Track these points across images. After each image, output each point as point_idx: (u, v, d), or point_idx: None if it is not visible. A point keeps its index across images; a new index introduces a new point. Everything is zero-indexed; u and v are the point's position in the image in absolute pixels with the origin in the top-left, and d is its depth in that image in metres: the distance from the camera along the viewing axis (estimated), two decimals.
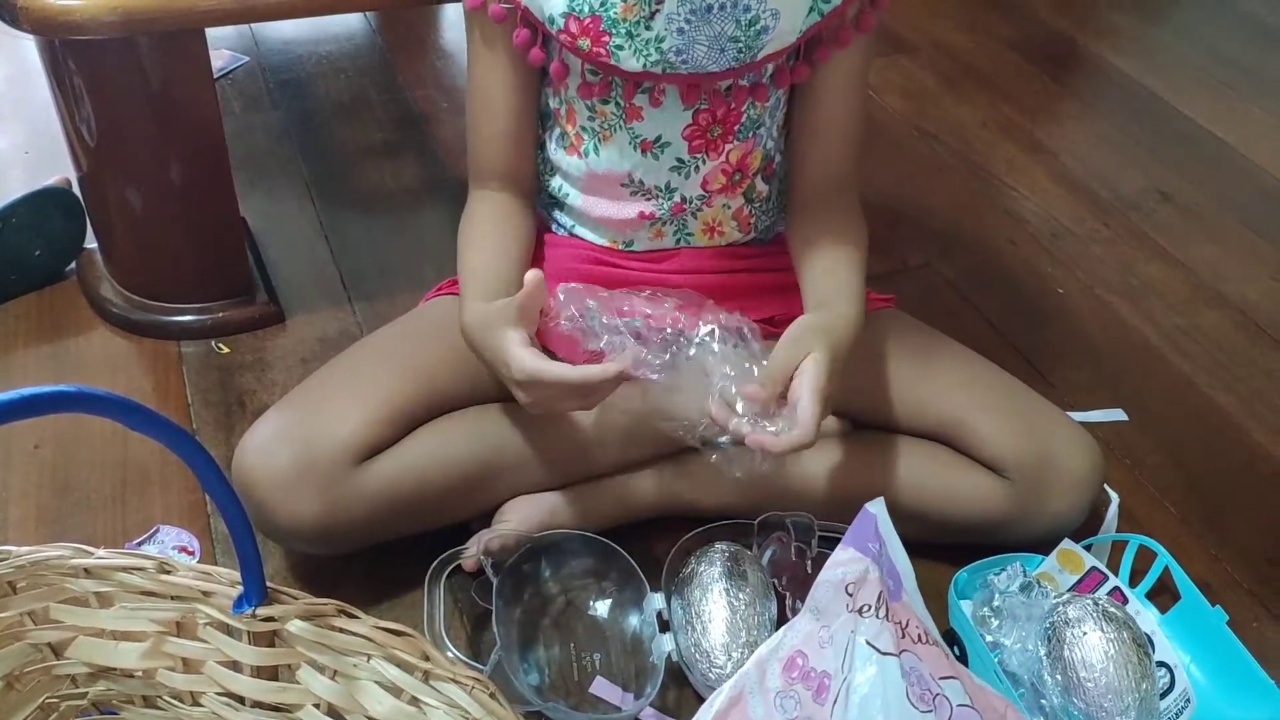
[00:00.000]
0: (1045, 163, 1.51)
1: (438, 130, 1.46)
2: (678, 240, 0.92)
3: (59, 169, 1.19)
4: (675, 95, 0.83)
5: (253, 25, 1.63)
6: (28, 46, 1.53)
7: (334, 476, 0.78)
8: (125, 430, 0.49)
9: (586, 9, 0.79)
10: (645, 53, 0.80)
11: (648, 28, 0.79)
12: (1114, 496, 0.92)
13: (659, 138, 0.86)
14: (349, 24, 1.70)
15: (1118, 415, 1.08)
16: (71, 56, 0.95)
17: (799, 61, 0.85)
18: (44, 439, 0.98)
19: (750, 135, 0.87)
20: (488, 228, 0.88)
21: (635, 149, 0.86)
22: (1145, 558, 0.87)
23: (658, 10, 0.79)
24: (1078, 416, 0.95)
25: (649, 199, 0.88)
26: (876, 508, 0.76)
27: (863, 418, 0.90)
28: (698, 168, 0.87)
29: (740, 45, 0.81)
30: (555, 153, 0.90)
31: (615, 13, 0.79)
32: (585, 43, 0.80)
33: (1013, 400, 0.87)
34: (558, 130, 0.89)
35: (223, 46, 1.58)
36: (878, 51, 1.74)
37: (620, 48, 0.80)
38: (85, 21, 0.86)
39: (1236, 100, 1.70)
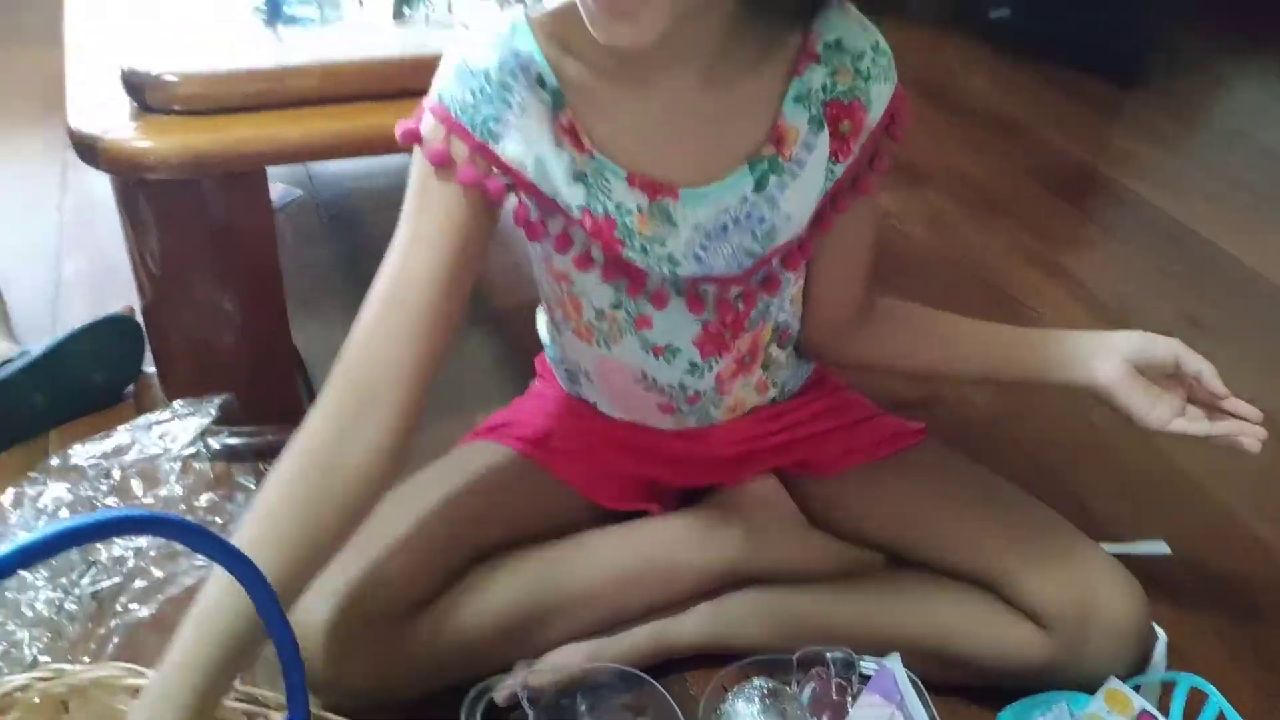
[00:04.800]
0: (1071, 289, 1.54)
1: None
2: (699, 421, 0.90)
3: (121, 296, 1.24)
4: (681, 303, 0.80)
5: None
6: (93, 180, 1.62)
7: (381, 630, 0.77)
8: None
9: (602, 210, 0.74)
10: (658, 268, 0.77)
11: (662, 245, 0.76)
12: (1161, 635, 0.90)
13: (669, 344, 0.83)
14: (399, 160, 1.77)
15: (1160, 548, 1.06)
16: (142, 192, 1.01)
17: (805, 239, 0.81)
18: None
19: (760, 321, 0.85)
20: (320, 462, 0.69)
21: (647, 353, 0.84)
22: (1198, 697, 0.84)
23: (674, 231, 0.75)
24: (1119, 549, 0.94)
25: (663, 395, 0.87)
26: (893, 663, 0.77)
27: (898, 554, 0.90)
28: (711, 367, 0.85)
29: (756, 255, 0.78)
30: (565, 332, 0.88)
31: (631, 221, 0.75)
32: (598, 244, 0.76)
33: (1053, 546, 0.85)
34: (560, 312, 0.86)
35: (278, 180, 1.66)
36: (898, 183, 1.80)
37: (632, 256, 0.76)
38: (157, 163, 0.92)
39: (1260, 226, 1.72)
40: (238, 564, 0.54)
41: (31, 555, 0.44)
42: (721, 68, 0.72)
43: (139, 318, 1.19)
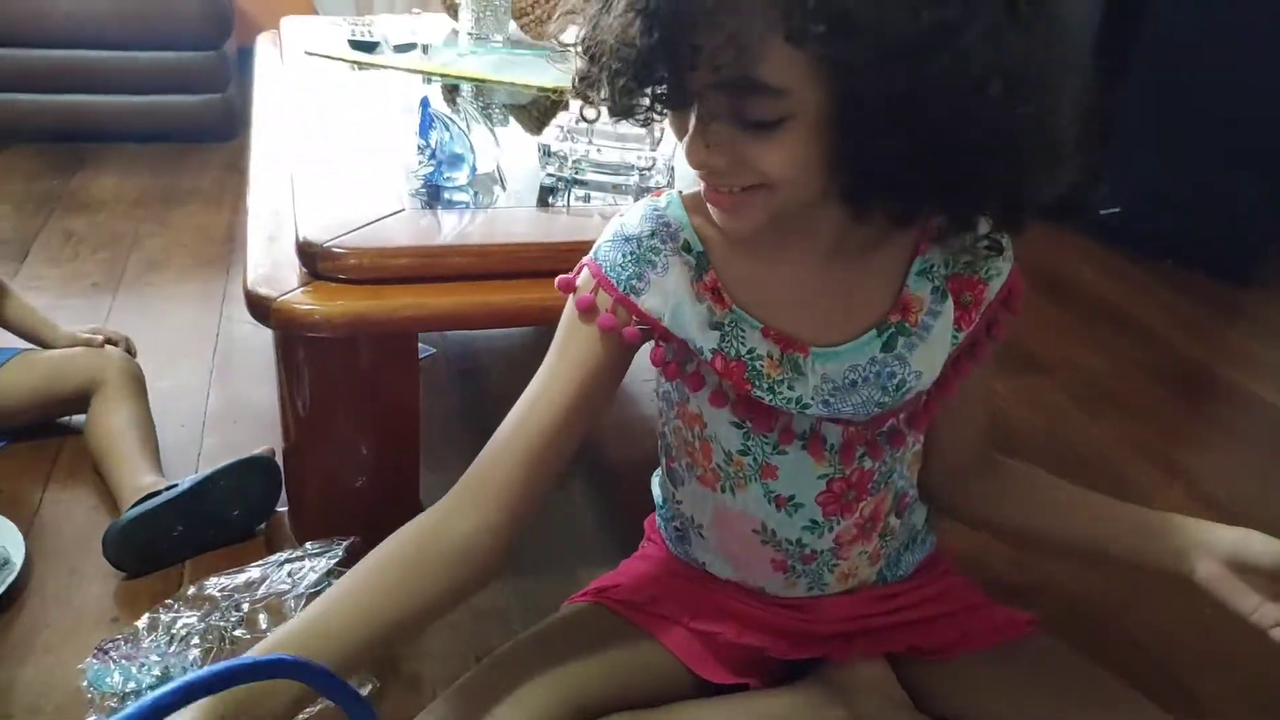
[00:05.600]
0: (1185, 485, 1.52)
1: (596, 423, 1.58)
2: (810, 588, 0.91)
3: (255, 433, 1.34)
4: (804, 453, 0.83)
5: None
6: (238, 327, 1.77)
7: None
8: None
9: (734, 353, 0.80)
10: (785, 408, 0.81)
11: (791, 388, 0.80)
12: None
13: (792, 497, 0.85)
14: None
15: None
16: (302, 345, 1.11)
17: (929, 401, 0.85)
18: None
19: (883, 486, 0.88)
20: (411, 556, 0.78)
21: (770, 503, 0.86)
22: None
23: (802, 380, 0.80)
24: None
25: (779, 550, 0.89)
26: None
27: None
28: (831, 527, 0.87)
29: (887, 405, 0.82)
30: (689, 481, 0.91)
31: (761, 365, 0.80)
32: (726, 382, 0.81)
33: None
34: (686, 460, 0.90)
35: None
36: (1012, 370, 1.82)
37: (760, 395, 0.81)
38: (321, 323, 1.02)
39: None
40: (362, 713, 0.57)
41: (191, 695, 0.50)
42: (845, 244, 0.79)
43: (279, 459, 1.29)
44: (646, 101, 0.69)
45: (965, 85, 0.61)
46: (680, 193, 0.83)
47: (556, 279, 0.84)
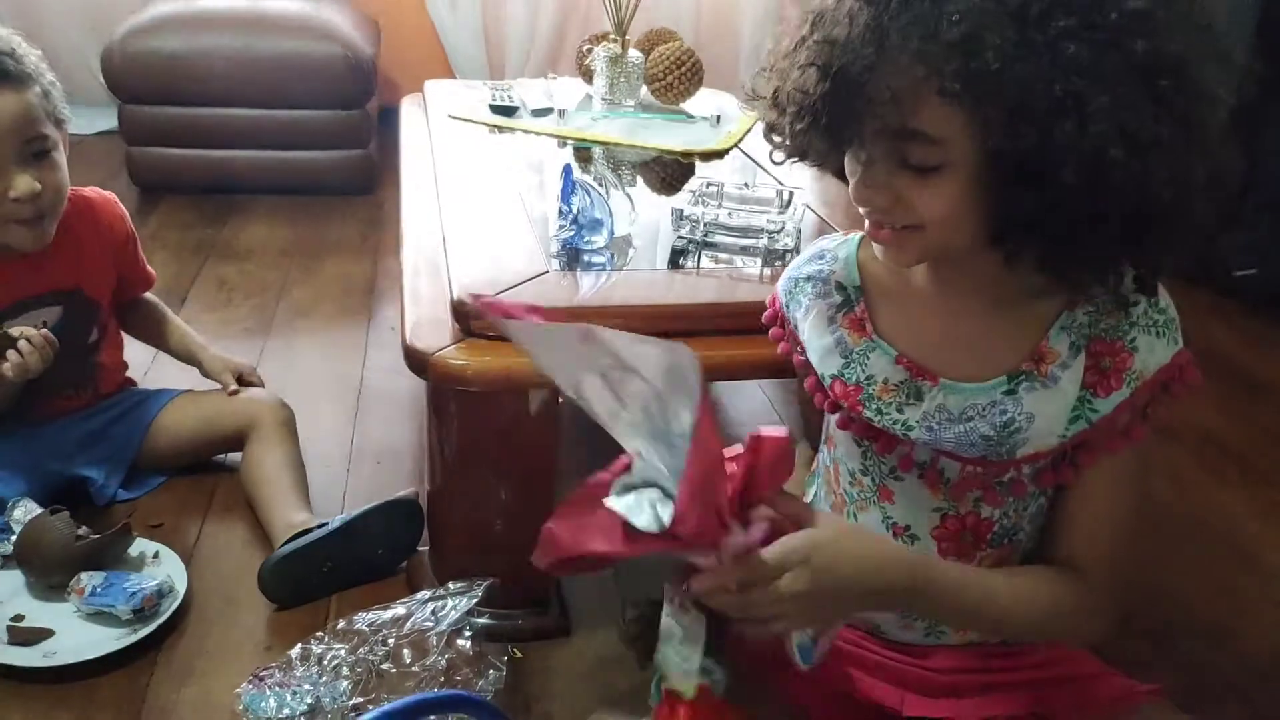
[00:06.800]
0: None
1: None
2: (927, 634, 0.93)
3: (397, 478, 1.41)
4: (920, 482, 0.87)
5: None
6: (374, 374, 1.86)
7: None
8: None
9: (854, 378, 0.88)
10: (891, 429, 0.86)
11: (900, 411, 0.86)
12: None
13: (909, 528, 0.89)
14: None
15: None
16: (453, 397, 1.18)
17: (1064, 464, 0.85)
18: None
19: (1006, 542, 0.89)
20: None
21: (888, 530, 0.90)
22: None
23: (914, 403, 0.85)
24: None
25: None
26: None
27: None
28: None
29: (992, 442, 0.83)
30: (821, 508, 0.96)
31: (874, 389, 0.86)
32: (844, 404, 0.88)
33: None
34: (825, 486, 0.96)
35: None
36: None
37: (869, 417, 0.87)
38: (474, 378, 1.09)
39: None
40: None
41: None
42: (996, 292, 0.83)
43: (421, 501, 1.36)
44: (820, 145, 0.78)
45: (1089, 151, 0.66)
46: (862, 233, 0.91)
47: (765, 314, 0.99)
